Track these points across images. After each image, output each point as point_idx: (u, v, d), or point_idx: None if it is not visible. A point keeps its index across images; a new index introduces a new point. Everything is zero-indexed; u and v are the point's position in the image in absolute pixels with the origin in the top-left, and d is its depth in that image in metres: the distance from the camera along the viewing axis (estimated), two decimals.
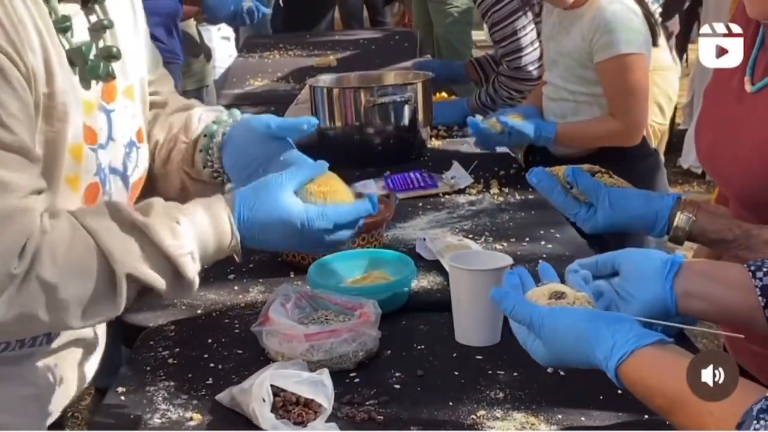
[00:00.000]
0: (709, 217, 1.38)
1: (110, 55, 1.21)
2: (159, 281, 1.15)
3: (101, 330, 1.42)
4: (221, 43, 5.23)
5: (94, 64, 1.18)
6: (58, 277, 1.08)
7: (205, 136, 1.40)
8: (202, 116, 1.43)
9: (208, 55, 3.94)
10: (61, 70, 1.14)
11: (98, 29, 1.21)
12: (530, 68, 2.87)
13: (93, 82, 1.20)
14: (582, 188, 1.44)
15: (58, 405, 1.32)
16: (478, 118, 2.39)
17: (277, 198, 1.24)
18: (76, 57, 1.17)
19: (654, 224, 1.40)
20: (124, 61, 1.26)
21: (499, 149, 2.63)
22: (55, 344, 1.29)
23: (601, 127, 2.31)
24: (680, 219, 1.38)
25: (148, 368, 1.46)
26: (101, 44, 1.21)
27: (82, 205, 1.19)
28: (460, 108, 2.96)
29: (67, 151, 1.15)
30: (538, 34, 2.83)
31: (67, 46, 1.16)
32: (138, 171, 1.31)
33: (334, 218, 1.27)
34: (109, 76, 1.21)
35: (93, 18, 1.22)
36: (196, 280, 1.20)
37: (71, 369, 1.33)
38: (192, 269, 1.18)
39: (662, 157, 2.61)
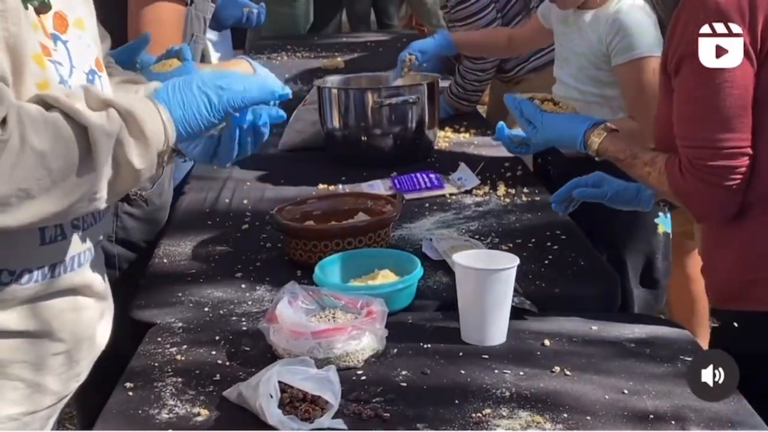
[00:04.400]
0: (613, 140, 1.78)
1: None
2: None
3: (108, 291, 1.43)
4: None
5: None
6: (45, 145, 1.11)
7: None
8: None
9: (206, 52, 3.94)
10: None
11: None
12: None
13: (46, 13, 1.22)
14: (525, 113, 1.89)
15: (83, 365, 1.34)
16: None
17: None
18: None
19: (574, 142, 1.80)
20: None
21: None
22: (72, 281, 1.30)
23: (625, 127, 2.32)
24: (591, 140, 1.78)
25: (156, 364, 1.47)
26: None
27: None
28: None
29: (31, 58, 1.17)
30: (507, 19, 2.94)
31: None
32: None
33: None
34: (44, 5, 1.22)
35: None
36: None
37: (90, 327, 1.35)
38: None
39: None
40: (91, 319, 1.35)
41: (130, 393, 1.39)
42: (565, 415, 1.30)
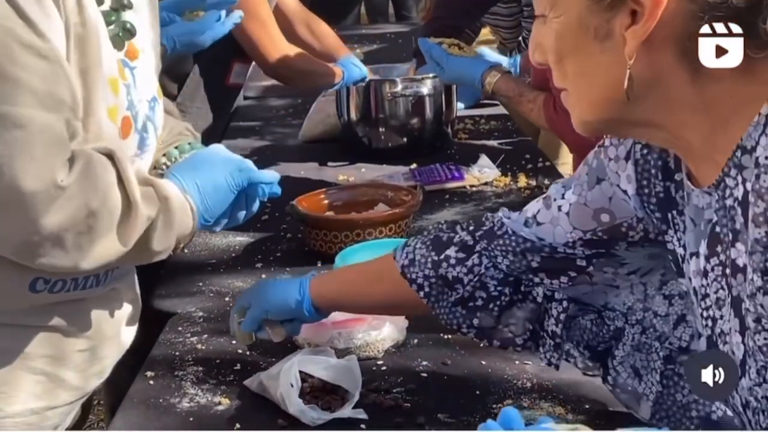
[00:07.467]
0: (506, 80, 2.06)
1: (125, 29, 1.23)
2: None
3: (138, 293, 1.43)
4: None
5: (113, 32, 1.20)
6: (95, 203, 1.11)
7: (163, 155, 1.41)
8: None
9: None
10: (90, 1, 1.14)
11: (118, 8, 1.23)
12: None
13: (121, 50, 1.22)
14: (434, 56, 2.15)
15: (106, 363, 1.35)
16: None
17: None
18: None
19: (473, 81, 2.09)
20: (140, 22, 1.27)
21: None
22: (102, 290, 1.30)
23: None
24: (487, 80, 2.06)
25: (177, 353, 1.47)
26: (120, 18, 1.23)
27: (119, 139, 1.21)
28: (472, 91, 2.96)
29: (106, 83, 1.17)
30: None
31: None
32: (160, 124, 1.33)
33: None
34: (119, 38, 1.22)
35: None
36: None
37: (116, 326, 1.35)
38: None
39: None
40: (118, 318, 1.35)
41: (151, 382, 1.39)
42: (587, 406, 1.29)
